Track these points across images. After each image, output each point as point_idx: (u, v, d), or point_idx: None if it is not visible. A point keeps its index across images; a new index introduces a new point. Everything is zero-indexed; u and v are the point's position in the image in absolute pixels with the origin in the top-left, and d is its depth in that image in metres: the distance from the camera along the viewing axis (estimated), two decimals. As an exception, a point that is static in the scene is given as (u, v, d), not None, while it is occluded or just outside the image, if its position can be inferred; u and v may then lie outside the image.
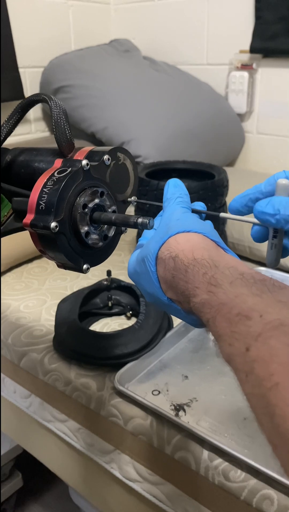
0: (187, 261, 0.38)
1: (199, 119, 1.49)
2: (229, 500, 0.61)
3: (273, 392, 0.26)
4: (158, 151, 1.34)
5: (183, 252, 0.39)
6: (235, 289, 0.34)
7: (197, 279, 0.36)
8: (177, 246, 0.40)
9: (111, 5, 1.78)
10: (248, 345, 0.29)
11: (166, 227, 0.43)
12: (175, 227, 0.42)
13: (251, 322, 0.30)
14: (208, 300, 0.35)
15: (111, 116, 1.41)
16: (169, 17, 1.69)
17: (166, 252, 0.40)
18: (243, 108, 1.60)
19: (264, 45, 1.50)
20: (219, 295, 0.34)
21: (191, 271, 0.37)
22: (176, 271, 0.39)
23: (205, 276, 0.36)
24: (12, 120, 0.48)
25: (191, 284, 0.37)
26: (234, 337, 0.30)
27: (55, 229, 0.40)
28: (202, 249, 0.39)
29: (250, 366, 0.28)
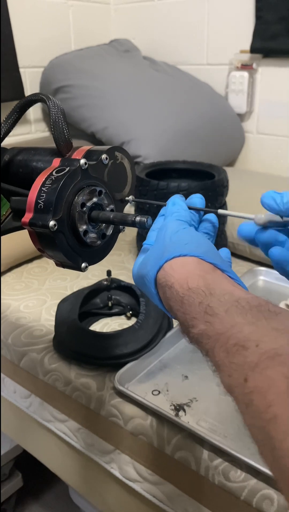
0: (182, 292, 0.38)
1: (199, 119, 1.49)
2: (229, 500, 0.61)
3: (272, 424, 0.26)
4: (158, 151, 1.34)
5: (178, 282, 0.38)
6: (231, 317, 0.33)
7: (193, 309, 0.36)
8: (172, 274, 0.39)
9: (111, 5, 1.78)
10: (246, 376, 0.29)
11: (162, 246, 0.42)
12: (170, 249, 0.41)
13: (247, 353, 0.30)
14: (205, 330, 0.34)
15: (111, 116, 1.41)
16: (169, 17, 1.69)
17: (162, 280, 0.40)
18: (243, 108, 1.60)
19: (265, 45, 1.49)
20: (216, 325, 0.34)
21: (187, 302, 0.37)
22: (172, 302, 0.39)
23: (201, 306, 0.36)
24: (10, 120, 0.48)
25: (188, 315, 0.36)
26: (232, 368, 0.30)
27: (54, 228, 0.40)
28: (197, 276, 0.38)
29: (249, 397, 0.28)
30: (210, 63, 1.66)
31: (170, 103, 1.48)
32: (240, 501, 0.59)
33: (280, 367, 0.27)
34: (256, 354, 0.29)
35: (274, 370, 0.27)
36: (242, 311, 0.33)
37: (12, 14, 1.39)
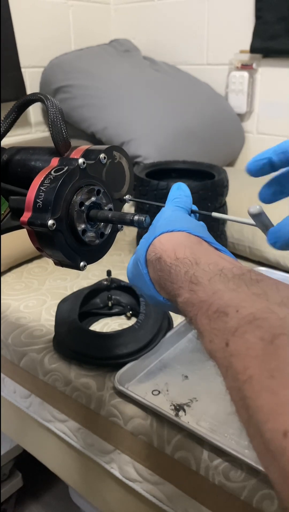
0: (170, 261, 0.39)
1: (199, 119, 1.49)
2: (229, 500, 0.61)
3: (247, 385, 0.27)
4: (158, 151, 1.34)
5: (166, 253, 0.40)
6: (213, 285, 0.34)
7: (180, 278, 0.37)
8: (160, 247, 0.41)
9: (111, 5, 1.78)
10: (227, 340, 0.30)
11: (153, 227, 0.44)
12: (160, 227, 0.42)
13: (228, 318, 0.31)
14: (189, 298, 0.35)
15: (111, 116, 1.41)
16: (169, 17, 1.69)
17: (152, 254, 0.41)
18: (243, 108, 1.60)
19: (265, 45, 1.49)
20: (199, 293, 0.35)
21: (174, 271, 0.38)
22: (162, 272, 0.40)
23: (187, 275, 0.37)
24: (8, 119, 0.49)
25: (175, 284, 0.38)
26: (214, 333, 0.31)
27: (52, 227, 0.40)
28: (184, 247, 0.40)
29: (228, 360, 0.29)
30: (210, 63, 1.66)
31: (170, 103, 1.48)
32: (240, 501, 0.59)
33: (257, 330, 0.28)
34: (236, 319, 0.30)
35: (252, 334, 0.28)
36: (225, 279, 0.34)
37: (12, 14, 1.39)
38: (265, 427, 0.25)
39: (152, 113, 1.42)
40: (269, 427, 0.25)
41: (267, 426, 0.25)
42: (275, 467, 0.24)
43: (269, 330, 0.28)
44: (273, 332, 0.28)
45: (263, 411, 0.25)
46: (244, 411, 0.27)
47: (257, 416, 0.26)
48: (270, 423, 0.25)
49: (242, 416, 0.28)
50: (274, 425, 0.24)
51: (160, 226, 0.43)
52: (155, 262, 0.41)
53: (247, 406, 0.27)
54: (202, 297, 0.34)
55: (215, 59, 1.64)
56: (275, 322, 0.28)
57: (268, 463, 0.25)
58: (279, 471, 0.24)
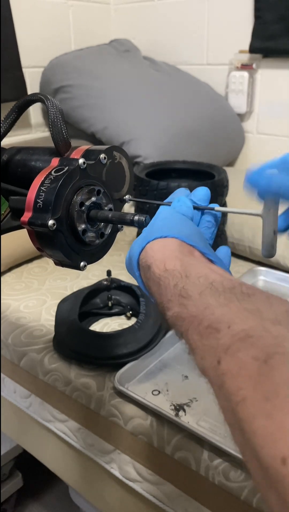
0: (158, 273, 0.38)
1: (199, 119, 1.49)
2: (229, 500, 0.61)
3: (240, 407, 0.26)
4: (158, 151, 1.34)
5: (155, 263, 0.39)
6: (204, 300, 0.34)
7: (169, 291, 0.36)
8: (152, 254, 0.40)
9: (111, 5, 1.78)
10: (219, 358, 0.29)
11: (149, 229, 0.43)
12: (154, 231, 0.42)
13: (220, 335, 0.30)
14: (180, 313, 0.35)
15: (111, 116, 1.41)
16: (169, 17, 1.69)
17: (143, 260, 0.41)
18: (243, 108, 1.60)
19: (264, 45, 1.49)
20: (190, 308, 0.34)
21: (163, 284, 0.37)
22: (151, 283, 0.39)
23: (176, 288, 0.36)
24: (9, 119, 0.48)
25: (164, 297, 0.37)
26: (205, 350, 0.31)
27: (53, 227, 0.40)
28: (174, 258, 0.39)
29: (221, 379, 0.28)
30: (210, 63, 1.66)
31: (170, 103, 1.48)
32: (240, 501, 0.59)
33: (251, 349, 0.27)
34: (228, 335, 0.29)
35: (245, 352, 0.28)
36: (215, 293, 0.34)
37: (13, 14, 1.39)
38: (262, 452, 0.24)
39: (152, 113, 1.42)
40: (267, 453, 0.24)
41: (264, 452, 0.24)
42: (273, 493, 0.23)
43: (263, 349, 0.27)
44: (267, 351, 0.27)
45: (259, 436, 0.24)
46: (239, 433, 0.26)
47: (253, 440, 0.25)
48: (267, 449, 0.24)
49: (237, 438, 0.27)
50: (271, 451, 0.23)
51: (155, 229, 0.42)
52: (145, 269, 0.40)
53: (242, 429, 0.26)
54: (192, 312, 0.33)
55: (215, 59, 1.64)
56: (269, 341, 0.28)
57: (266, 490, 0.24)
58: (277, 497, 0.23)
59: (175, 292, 0.36)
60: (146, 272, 0.40)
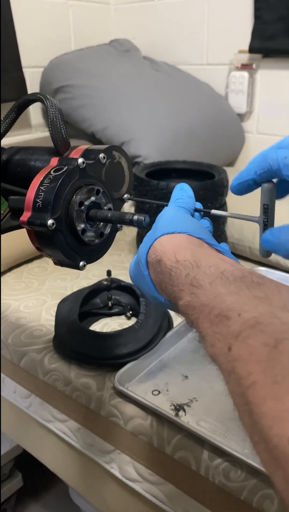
0: (170, 264, 0.39)
1: (199, 119, 1.49)
2: (229, 500, 0.61)
3: (250, 390, 0.27)
4: (158, 151, 1.34)
5: (166, 255, 0.40)
6: (215, 288, 0.34)
7: (180, 281, 0.37)
8: (161, 249, 0.41)
9: (111, 5, 1.78)
10: (230, 345, 0.30)
11: (154, 228, 0.43)
12: (161, 228, 0.42)
13: (230, 322, 0.31)
14: (191, 302, 0.35)
15: (111, 116, 1.41)
16: (169, 17, 1.69)
17: (152, 256, 0.41)
18: (243, 108, 1.60)
19: (264, 45, 1.49)
20: (201, 296, 0.35)
21: (174, 274, 0.38)
22: (162, 275, 0.40)
23: (188, 278, 0.37)
24: (8, 119, 0.49)
25: (176, 287, 0.38)
26: (216, 338, 0.31)
27: (52, 227, 0.40)
28: (184, 249, 0.39)
29: (231, 365, 0.29)
30: (210, 63, 1.66)
31: (170, 103, 1.48)
32: (240, 501, 0.59)
33: (260, 335, 0.28)
34: (238, 323, 0.30)
35: (254, 338, 0.28)
36: (226, 282, 0.34)
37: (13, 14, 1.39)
38: (270, 433, 0.25)
39: (152, 113, 1.42)
40: (274, 433, 0.24)
41: (272, 432, 0.25)
42: (280, 474, 0.24)
43: (273, 335, 0.28)
44: (276, 337, 0.27)
45: (267, 417, 0.25)
46: (247, 416, 0.27)
47: (261, 422, 0.26)
48: (275, 429, 0.24)
49: (246, 421, 0.28)
50: (279, 431, 0.24)
51: (161, 227, 0.42)
52: (156, 264, 0.41)
53: (251, 411, 0.26)
54: (203, 301, 0.34)
55: (215, 59, 1.64)
56: (278, 327, 0.28)
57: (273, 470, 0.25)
58: (284, 477, 0.24)
59: (187, 281, 0.37)
60: (156, 267, 0.41)
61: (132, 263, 0.47)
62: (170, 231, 0.42)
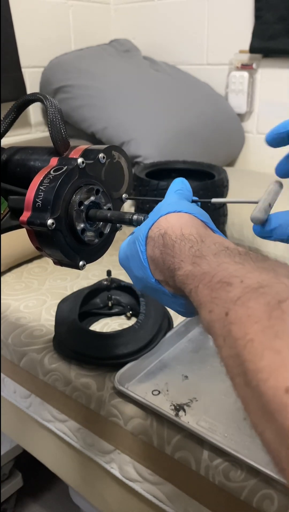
0: (174, 237, 0.39)
1: (199, 119, 1.49)
2: (229, 500, 0.60)
3: (247, 349, 0.26)
4: (158, 151, 1.34)
5: (171, 229, 0.40)
6: (218, 259, 0.34)
7: (183, 253, 0.37)
8: (166, 224, 0.41)
9: (111, 5, 1.78)
10: (228, 309, 0.29)
11: (158, 209, 0.44)
12: (166, 207, 0.43)
13: (231, 288, 0.30)
14: (191, 271, 0.35)
15: (111, 116, 1.41)
16: (169, 17, 1.69)
17: (155, 230, 0.41)
18: (243, 108, 1.60)
19: (264, 45, 1.49)
20: (203, 265, 0.35)
21: (178, 246, 0.38)
22: (164, 247, 0.40)
23: (191, 250, 0.37)
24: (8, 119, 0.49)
25: (177, 258, 0.38)
26: (214, 303, 0.31)
27: (52, 226, 0.40)
28: (190, 226, 0.40)
29: (227, 329, 0.28)
30: (210, 63, 1.66)
31: (170, 103, 1.48)
32: (240, 501, 0.59)
33: (261, 297, 0.28)
34: (240, 288, 0.30)
35: (256, 300, 0.28)
36: (231, 254, 0.35)
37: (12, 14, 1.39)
38: (266, 385, 0.24)
39: (152, 113, 1.42)
40: (270, 385, 0.24)
41: (268, 384, 0.24)
42: (272, 427, 0.24)
43: (275, 296, 0.27)
44: (279, 298, 0.27)
45: (264, 371, 0.25)
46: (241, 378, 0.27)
47: (257, 377, 0.25)
48: (271, 380, 0.24)
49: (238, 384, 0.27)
50: (275, 382, 0.24)
51: (167, 206, 0.43)
52: (158, 238, 0.41)
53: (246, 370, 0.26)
54: (205, 269, 0.34)
55: (215, 59, 1.64)
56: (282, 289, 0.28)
57: (264, 426, 0.25)
58: (276, 430, 0.23)
59: (190, 253, 0.37)
60: (157, 240, 0.41)
61: (124, 243, 0.46)
62: (176, 210, 0.42)
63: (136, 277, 0.44)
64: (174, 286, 0.40)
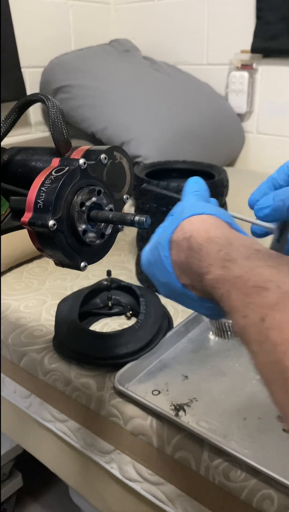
0: (201, 240, 0.38)
1: (199, 119, 1.49)
2: (229, 500, 0.61)
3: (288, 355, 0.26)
4: (158, 151, 1.34)
5: (197, 232, 0.39)
6: (250, 262, 0.33)
7: (211, 256, 0.36)
8: (191, 227, 0.39)
9: (111, 5, 1.78)
10: (264, 315, 0.29)
11: (179, 213, 0.42)
12: (188, 210, 0.41)
13: (268, 293, 0.30)
14: (222, 275, 0.34)
15: (111, 116, 1.41)
16: (169, 17, 1.69)
17: (179, 234, 0.40)
18: (243, 108, 1.60)
19: (265, 45, 1.50)
20: (234, 269, 0.33)
21: (205, 249, 0.37)
22: (190, 251, 0.38)
23: (220, 253, 0.36)
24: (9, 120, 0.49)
25: (204, 262, 0.36)
26: (249, 308, 0.30)
27: (53, 227, 0.40)
28: (216, 228, 0.39)
29: (265, 334, 0.28)
30: (210, 63, 1.66)
31: (170, 103, 1.48)
32: (240, 501, 0.59)
33: None
34: (277, 293, 0.29)
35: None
36: (263, 258, 0.34)
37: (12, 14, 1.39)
38: None
39: (152, 113, 1.42)
40: None
41: None
42: None
43: None
44: None
45: None
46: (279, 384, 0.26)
47: None
48: None
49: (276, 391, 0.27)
50: None
51: (188, 209, 0.41)
52: (183, 241, 0.39)
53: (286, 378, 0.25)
54: (237, 273, 0.33)
55: (215, 59, 1.64)
56: None
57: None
58: None
59: (218, 256, 0.36)
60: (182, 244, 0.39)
61: (146, 249, 0.45)
62: (199, 212, 0.41)
63: (161, 283, 0.43)
64: (201, 290, 0.39)
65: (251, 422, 0.65)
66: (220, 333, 0.85)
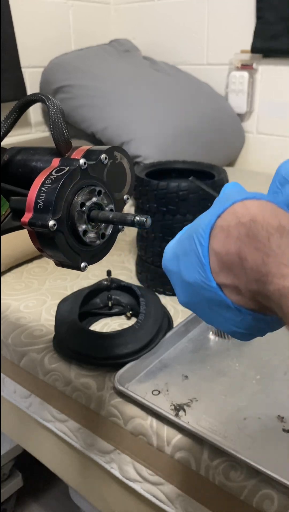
0: (270, 227, 0.29)
1: (199, 119, 1.49)
2: (229, 500, 0.61)
3: None
4: (158, 151, 1.34)
5: (263, 216, 0.30)
6: None
7: (287, 254, 0.28)
8: (248, 210, 0.31)
9: (111, 5, 1.78)
10: None
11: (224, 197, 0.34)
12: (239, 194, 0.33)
13: None
14: None
15: (111, 116, 1.41)
16: (169, 17, 1.69)
17: (230, 218, 0.31)
18: (243, 108, 1.60)
19: (266, 45, 1.50)
20: None
21: (276, 241, 0.28)
22: (249, 238, 0.30)
23: None
24: (9, 119, 0.48)
25: (273, 258, 0.28)
26: None
27: (53, 228, 0.40)
28: (283, 213, 0.30)
29: None
30: (210, 63, 1.66)
31: (170, 103, 1.48)
32: (240, 501, 0.59)
33: None
34: None
35: None
36: None
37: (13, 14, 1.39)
38: None
39: (152, 113, 1.42)
40: None
41: None
42: None
43: None
44: None
45: None
46: None
47: None
48: None
49: None
50: None
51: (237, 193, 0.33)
52: (236, 227, 0.31)
53: None
54: None
55: (215, 59, 1.64)
56: None
57: None
58: None
59: None
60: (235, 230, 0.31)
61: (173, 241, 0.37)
62: (252, 196, 0.32)
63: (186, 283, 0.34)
64: (251, 296, 0.31)
65: (251, 422, 0.65)
66: (220, 333, 0.85)
